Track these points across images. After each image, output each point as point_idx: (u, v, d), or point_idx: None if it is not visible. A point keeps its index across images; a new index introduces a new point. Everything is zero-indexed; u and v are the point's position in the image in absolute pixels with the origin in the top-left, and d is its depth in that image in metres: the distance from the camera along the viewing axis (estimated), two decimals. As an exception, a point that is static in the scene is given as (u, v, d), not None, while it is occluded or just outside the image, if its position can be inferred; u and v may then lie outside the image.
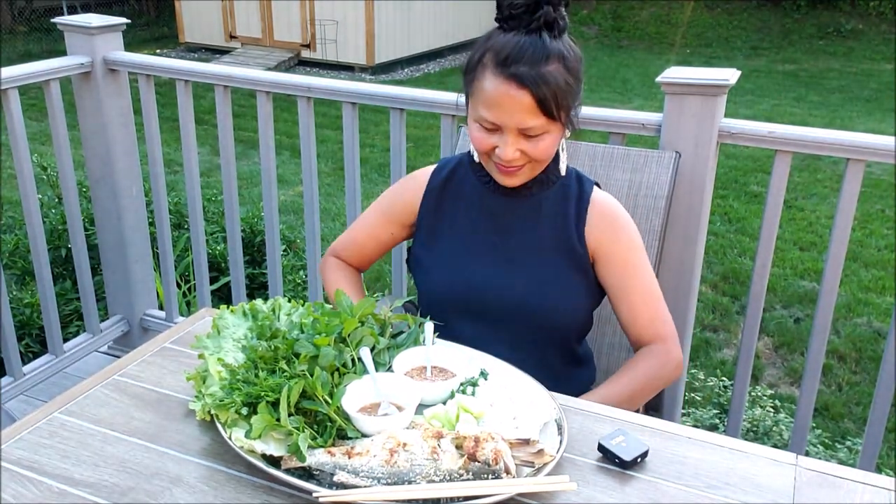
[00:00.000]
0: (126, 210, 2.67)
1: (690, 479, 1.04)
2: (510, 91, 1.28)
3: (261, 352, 1.13)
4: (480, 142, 1.35)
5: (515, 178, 1.39)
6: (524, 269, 1.44)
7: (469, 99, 1.38)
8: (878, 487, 1.03)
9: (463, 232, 1.48)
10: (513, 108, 1.29)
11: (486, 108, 1.32)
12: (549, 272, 1.43)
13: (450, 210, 1.50)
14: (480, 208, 1.47)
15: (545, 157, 1.36)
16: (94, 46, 2.44)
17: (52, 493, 1.00)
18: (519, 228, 1.45)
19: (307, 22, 11.12)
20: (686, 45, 12.53)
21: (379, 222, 1.58)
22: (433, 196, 1.51)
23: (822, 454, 2.56)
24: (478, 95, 1.33)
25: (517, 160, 1.34)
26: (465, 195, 1.50)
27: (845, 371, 3.60)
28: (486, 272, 1.44)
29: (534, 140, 1.33)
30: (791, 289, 4.47)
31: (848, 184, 1.79)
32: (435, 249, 1.50)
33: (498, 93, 1.29)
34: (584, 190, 1.45)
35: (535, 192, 1.44)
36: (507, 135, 1.32)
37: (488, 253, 1.46)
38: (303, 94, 2.26)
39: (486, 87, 1.31)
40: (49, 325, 2.55)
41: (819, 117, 8.45)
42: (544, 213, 1.44)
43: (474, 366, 1.21)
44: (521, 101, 1.28)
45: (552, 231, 1.44)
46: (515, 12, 1.29)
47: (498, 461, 0.96)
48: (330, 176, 6.30)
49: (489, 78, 1.31)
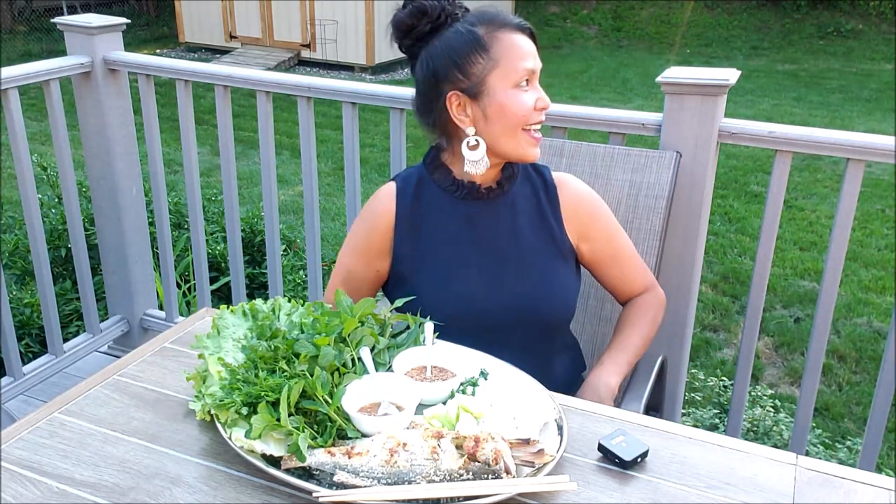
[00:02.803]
0: (126, 210, 2.67)
1: (690, 479, 1.04)
2: (525, 38, 1.36)
3: (261, 352, 1.13)
4: (526, 104, 1.35)
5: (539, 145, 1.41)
6: (514, 271, 1.43)
7: (489, 77, 1.34)
8: (878, 487, 1.03)
9: (446, 247, 1.44)
10: (534, 51, 1.37)
11: (522, 59, 1.34)
12: (539, 269, 1.43)
13: (427, 231, 1.46)
14: (456, 218, 1.44)
15: None
16: (94, 46, 2.44)
17: (52, 493, 1.00)
18: (500, 231, 1.44)
19: (307, 22, 11.12)
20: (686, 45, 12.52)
21: (360, 264, 1.50)
22: (404, 224, 1.46)
23: (822, 454, 2.56)
24: (506, 58, 1.34)
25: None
26: (436, 209, 1.45)
27: (845, 371, 3.60)
28: (478, 283, 1.42)
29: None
30: (791, 289, 4.47)
31: (848, 184, 1.79)
32: (422, 272, 1.45)
33: (521, 41, 1.35)
34: (544, 176, 1.48)
35: (506, 188, 1.44)
36: (535, 82, 1.37)
37: (475, 263, 1.43)
38: (303, 94, 2.26)
39: (510, 43, 1.34)
40: (49, 325, 2.55)
41: (819, 117, 8.45)
42: (520, 210, 1.44)
43: (474, 366, 1.20)
44: (532, 45, 1.37)
45: (532, 226, 1.44)
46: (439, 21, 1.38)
47: (498, 461, 0.96)
48: (330, 176, 6.30)
49: (506, 35, 1.35)
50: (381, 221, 1.47)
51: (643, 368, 1.60)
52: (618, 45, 12.79)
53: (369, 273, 1.51)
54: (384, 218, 1.47)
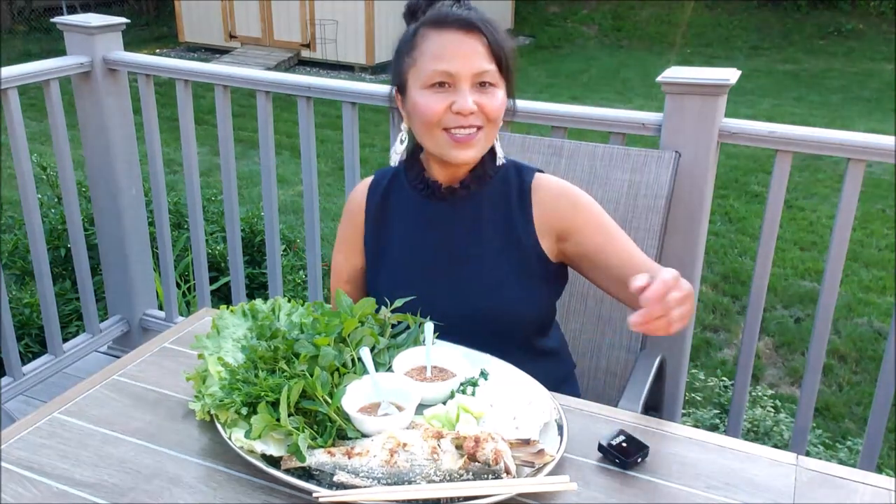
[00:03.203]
0: (126, 210, 2.67)
1: (690, 479, 1.04)
2: (460, 36, 1.28)
3: (261, 352, 1.13)
4: (432, 106, 1.29)
5: (471, 147, 1.31)
6: (466, 276, 1.39)
7: (408, 75, 1.33)
8: (878, 487, 1.03)
9: (404, 245, 1.43)
10: (466, 52, 1.28)
11: (436, 60, 1.28)
12: (494, 276, 1.38)
13: (390, 227, 1.45)
14: (420, 218, 1.42)
15: (498, 116, 1.32)
16: (93, 46, 2.44)
17: (52, 493, 1.00)
18: (461, 232, 1.40)
19: (307, 22, 11.12)
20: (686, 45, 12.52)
21: (341, 258, 1.51)
22: (371, 218, 1.46)
23: (822, 454, 2.56)
24: (423, 58, 1.30)
25: (475, 117, 1.29)
26: (403, 208, 1.44)
27: (846, 371, 3.60)
28: (430, 285, 1.38)
29: (488, 93, 1.29)
30: (792, 289, 4.47)
31: (848, 184, 1.79)
32: (378, 269, 1.45)
33: (448, 41, 1.28)
34: (523, 180, 1.40)
35: (474, 189, 1.39)
36: (461, 85, 1.28)
37: (430, 264, 1.41)
38: (303, 94, 2.26)
39: (433, 43, 1.29)
40: (49, 325, 2.55)
41: (819, 117, 8.45)
42: (485, 213, 1.39)
43: (474, 366, 1.20)
44: (474, 45, 1.28)
45: (496, 229, 1.39)
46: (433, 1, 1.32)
47: (498, 461, 0.96)
48: (330, 176, 6.30)
49: (434, 35, 1.29)
50: (355, 215, 1.48)
51: (642, 369, 1.60)
52: (618, 45, 12.79)
53: (349, 267, 1.51)
54: (356, 212, 1.48)
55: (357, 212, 1.48)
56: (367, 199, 1.47)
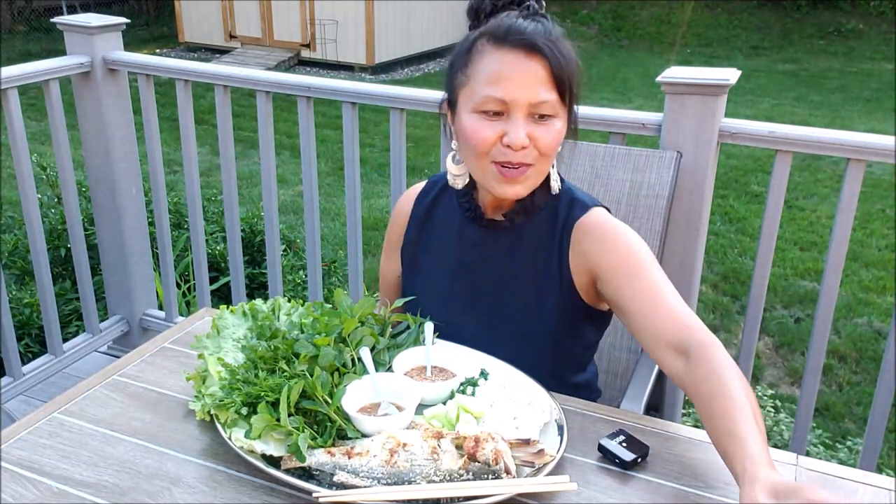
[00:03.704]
0: (126, 210, 2.67)
1: (690, 479, 1.04)
2: (520, 59, 1.14)
3: (261, 352, 1.13)
4: (481, 133, 1.17)
5: (519, 183, 1.21)
6: (498, 310, 1.32)
7: (460, 93, 1.21)
8: (878, 488, 1.03)
9: (439, 263, 1.37)
10: (525, 78, 1.14)
11: (490, 84, 1.15)
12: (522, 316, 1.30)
13: (429, 242, 1.39)
14: (460, 237, 1.35)
15: (553, 151, 1.21)
16: (93, 46, 2.44)
17: (52, 493, 1.00)
18: (496, 264, 1.32)
19: (307, 22, 11.12)
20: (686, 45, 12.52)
21: (385, 260, 1.48)
22: (415, 226, 1.41)
23: (822, 454, 2.56)
24: (476, 78, 1.18)
25: (527, 152, 1.17)
26: (446, 222, 1.37)
27: (846, 371, 3.60)
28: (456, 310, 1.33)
29: (544, 125, 1.17)
30: (791, 289, 4.47)
31: (848, 184, 1.79)
32: (417, 283, 1.40)
33: (506, 63, 1.15)
34: (571, 216, 1.28)
35: (518, 221, 1.30)
36: (515, 115, 1.16)
37: (465, 288, 1.35)
38: (303, 94, 2.26)
39: (489, 63, 1.16)
40: (49, 325, 2.55)
41: (819, 117, 8.45)
42: (525, 247, 1.30)
43: (474, 366, 1.20)
44: (535, 71, 1.14)
45: (531, 267, 1.30)
46: (502, 3, 1.20)
47: (498, 461, 0.96)
48: (330, 176, 6.30)
49: (491, 54, 1.16)
50: (399, 219, 1.44)
51: (643, 369, 1.60)
52: (618, 45, 12.79)
53: (393, 274, 1.47)
54: (401, 216, 1.44)
55: (401, 217, 1.43)
56: (414, 206, 1.42)
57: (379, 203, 5.75)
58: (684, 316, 1.14)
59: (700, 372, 1.05)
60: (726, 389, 0.99)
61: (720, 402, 0.99)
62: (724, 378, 1.01)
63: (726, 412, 0.97)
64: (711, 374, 1.03)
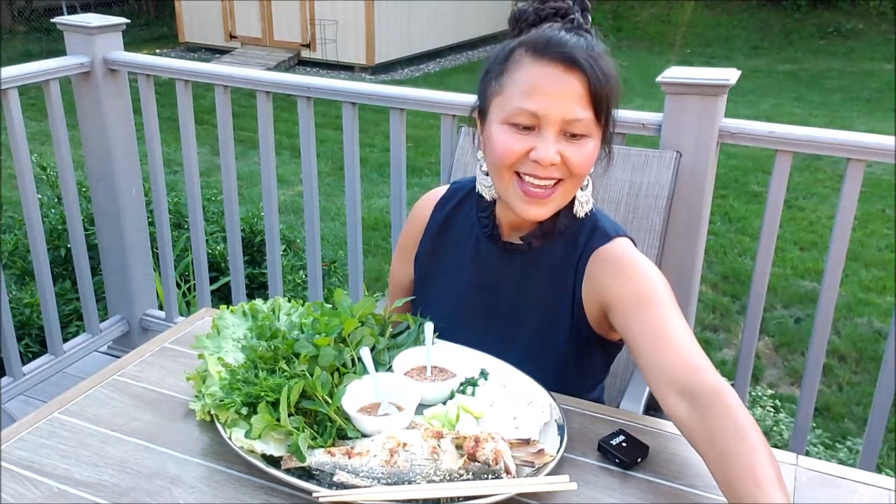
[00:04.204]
0: (126, 210, 2.67)
1: (690, 479, 1.04)
2: (557, 73, 1.10)
3: (261, 352, 1.13)
4: (509, 147, 1.13)
5: (545, 205, 1.17)
6: (506, 333, 1.30)
7: (492, 102, 1.17)
8: (878, 487, 1.03)
9: (453, 276, 1.35)
10: (560, 93, 1.10)
11: (524, 96, 1.11)
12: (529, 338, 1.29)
13: (445, 250, 1.37)
14: (475, 255, 1.32)
15: (584, 172, 1.16)
16: (93, 46, 2.44)
17: (52, 493, 1.00)
18: (509, 286, 1.29)
19: (307, 22, 11.12)
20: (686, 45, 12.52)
21: (398, 264, 1.45)
22: (431, 235, 1.38)
23: (822, 454, 2.56)
24: (510, 88, 1.14)
25: (555, 169, 1.13)
26: (463, 233, 1.34)
27: (846, 371, 3.60)
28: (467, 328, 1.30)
29: (576, 144, 1.13)
30: (791, 289, 4.47)
31: (848, 184, 1.79)
32: (425, 296, 1.38)
33: (542, 76, 1.11)
34: (590, 245, 1.23)
35: (535, 246, 1.26)
36: (546, 131, 1.11)
37: (473, 307, 1.33)
38: (303, 94, 2.26)
39: (525, 75, 1.12)
40: (49, 325, 2.55)
41: (819, 117, 8.45)
42: (540, 272, 1.27)
43: (474, 366, 1.20)
44: (572, 86, 1.10)
45: (542, 291, 1.27)
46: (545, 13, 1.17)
47: (498, 461, 0.96)
48: (330, 176, 6.30)
49: (528, 65, 1.12)
50: (415, 225, 1.41)
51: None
52: (618, 45, 12.78)
53: (404, 277, 1.45)
54: (418, 222, 1.40)
55: (418, 223, 1.40)
56: (433, 213, 1.38)
57: (379, 203, 5.75)
58: (692, 356, 1.06)
59: (716, 427, 0.97)
60: (748, 448, 0.92)
61: (742, 461, 0.91)
62: (747, 440, 0.93)
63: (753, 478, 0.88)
64: (735, 433, 0.94)
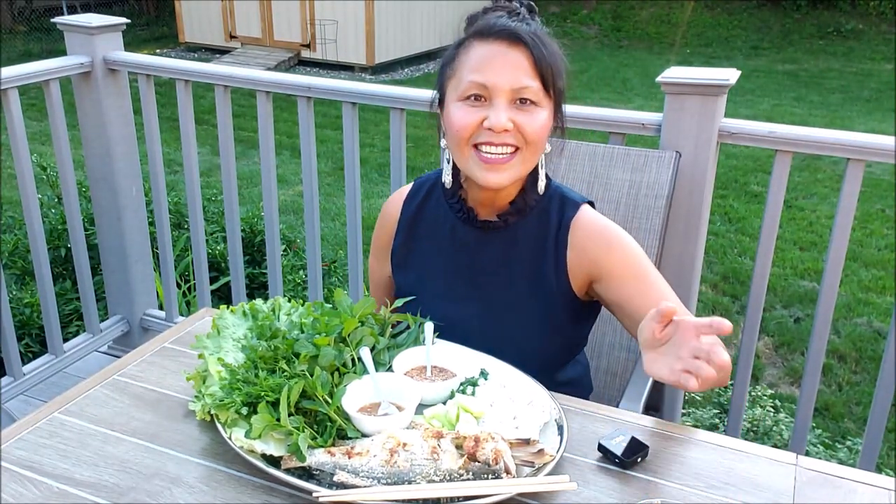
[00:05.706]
0: (126, 210, 2.67)
1: (690, 479, 1.04)
2: (502, 48, 1.20)
3: (261, 352, 1.13)
4: (463, 119, 1.21)
5: (503, 171, 1.22)
6: (492, 311, 1.34)
7: (447, 86, 1.27)
8: (878, 487, 1.03)
9: (432, 264, 1.39)
10: (507, 64, 1.19)
11: (473, 71, 1.21)
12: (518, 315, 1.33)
13: (420, 241, 1.41)
14: (452, 242, 1.36)
15: (538, 138, 1.22)
16: (94, 46, 2.44)
17: (52, 493, 1.00)
18: (490, 265, 1.34)
19: (307, 22, 11.12)
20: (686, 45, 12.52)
21: (374, 262, 1.50)
22: (404, 228, 1.42)
23: (822, 454, 2.56)
24: (461, 69, 1.23)
25: (509, 135, 1.20)
26: (436, 223, 1.39)
27: (845, 371, 3.60)
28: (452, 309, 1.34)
29: (527, 112, 1.21)
30: (791, 288, 4.47)
31: (848, 184, 1.79)
32: (404, 283, 1.42)
33: (490, 52, 1.20)
34: (564, 216, 1.31)
35: (511, 222, 1.32)
36: (497, 99, 1.20)
37: (456, 289, 1.36)
38: (303, 94, 2.26)
39: (473, 53, 1.22)
40: (49, 325, 2.55)
41: (819, 117, 8.45)
42: (519, 248, 1.33)
43: (474, 366, 1.20)
44: (517, 58, 1.19)
45: (525, 268, 1.33)
46: (492, 9, 1.26)
47: (498, 461, 0.96)
48: (330, 176, 6.30)
49: (476, 46, 1.22)
50: (387, 222, 1.46)
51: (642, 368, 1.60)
52: (618, 45, 12.79)
53: (382, 274, 1.49)
54: (390, 219, 1.45)
55: (390, 219, 1.45)
56: (402, 209, 1.43)
57: (379, 203, 5.76)
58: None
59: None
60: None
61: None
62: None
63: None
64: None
